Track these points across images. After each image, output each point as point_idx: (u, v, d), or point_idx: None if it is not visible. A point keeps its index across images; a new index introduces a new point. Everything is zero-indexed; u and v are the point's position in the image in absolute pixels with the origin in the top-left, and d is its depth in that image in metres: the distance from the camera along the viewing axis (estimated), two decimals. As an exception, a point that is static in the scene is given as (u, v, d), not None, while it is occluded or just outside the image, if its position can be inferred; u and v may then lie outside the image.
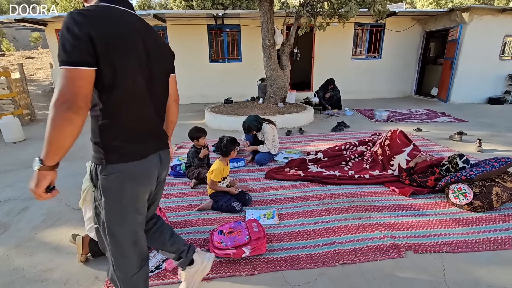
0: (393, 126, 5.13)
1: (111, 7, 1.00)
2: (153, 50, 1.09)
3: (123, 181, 1.06)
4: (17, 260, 1.93)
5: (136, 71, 1.02)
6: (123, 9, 1.04)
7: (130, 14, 1.05)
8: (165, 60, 1.18)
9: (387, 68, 9.07)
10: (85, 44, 0.88)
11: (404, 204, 2.51)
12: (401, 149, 3.18)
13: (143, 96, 1.07)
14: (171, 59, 1.27)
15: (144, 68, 1.05)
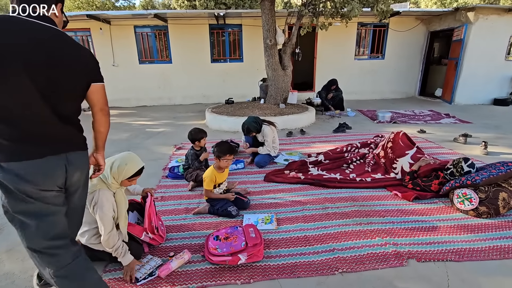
0: (396, 128, 5.06)
1: (9, 16, 1.13)
2: (55, 60, 1.15)
3: (10, 179, 1.14)
4: (8, 265, 1.89)
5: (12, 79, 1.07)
6: (25, 19, 1.14)
7: (31, 23, 1.13)
8: (72, 70, 1.22)
9: (391, 68, 8.97)
10: None
11: (407, 209, 2.43)
12: (404, 152, 3.10)
13: (31, 101, 1.13)
14: (84, 69, 1.28)
15: (35, 76, 1.11)
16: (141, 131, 5.62)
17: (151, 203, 1.90)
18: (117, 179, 1.68)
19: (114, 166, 1.67)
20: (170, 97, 8.97)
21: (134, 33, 8.35)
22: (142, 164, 1.79)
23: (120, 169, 1.67)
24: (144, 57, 8.71)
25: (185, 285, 1.65)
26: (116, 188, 1.72)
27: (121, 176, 1.68)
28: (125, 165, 1.68)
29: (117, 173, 1.67)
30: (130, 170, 1.70)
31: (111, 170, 1.66)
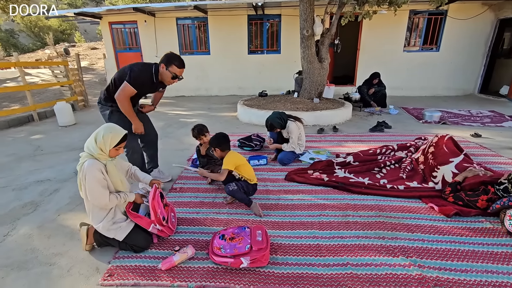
0: (445, 130, 4.49)
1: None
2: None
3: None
4: (36, 241, 2.06)
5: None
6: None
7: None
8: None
9: (446, 62, 7.98)
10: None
11: (443, 227, 2.11)
12: (447, 159, 2.70)
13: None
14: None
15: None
16: (175, 121, 5.82)
17: (154, 195, 1.91)
18: (104, 150, 1.74)
19: (99, 137, 1.73)
20: (207, 88, 9.16)
21: (176, 25, 8.62)
22: (125, 131, 1.84)
23: (106, 138, 1.73)
24: (185, 49, 8.97)
25: (184, 282, 1.63)
26: (106, 160, 1.77)
27: (107, 145, 1.74)
28: (110, 133, 1.75)
29: (103, 143, 1.72)
30: (114, 138, 1.76)
31: (97, 142, 1.72)
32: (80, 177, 1.71)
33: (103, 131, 1.76)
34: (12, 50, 20.63)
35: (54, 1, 30.15)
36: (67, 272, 1.75)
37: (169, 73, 2.39)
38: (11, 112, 5.88)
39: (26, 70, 12.82)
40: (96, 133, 1.76)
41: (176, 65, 2.38)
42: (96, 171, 1.68)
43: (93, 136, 1.76)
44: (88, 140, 1.76)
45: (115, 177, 1.82)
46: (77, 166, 1.75)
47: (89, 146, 1.74)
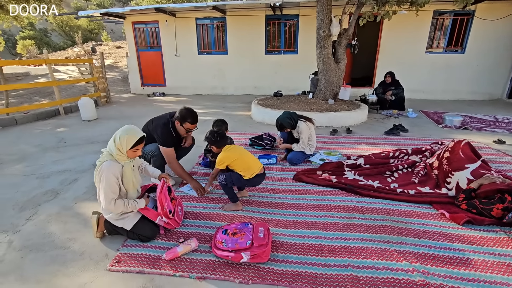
0: (466, 135, 4.30)
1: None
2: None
3: None
4: (54, 226, 2.21)
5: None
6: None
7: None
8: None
9: (472, 64, 7.61)
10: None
11: (453, 234, 2.04)
12: (463, 165, 2.60)
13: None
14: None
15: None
16: (190, 118, 5.95)
17: (162, 189, 1.98)
18: (122, 151, 1.82)
19: (117, 138, 1.82)
20: (223, 87, 9.29)
21: (196, 25, 8.81)
22: (142, 133, 1.91)
23: (122, 139, 1.81)
24: (203, 48, 9.14)
25: (185, 273, 1.69)
26: (124, 161, 1.86)
27: (124, 146, 1.82)
28: (126, 135, 1.82)
29: (120, 144, 1.81)
30: (131, 139, 1.83)
31: (115, 143, 1.81)
32: (96, 173, 1.81)
33: (120, 132, 1.84)
34: (44, 48, 21.92)
35: (84, 2, 31.70)
36: (79, 256, 1.86)
37: (183, 128, 2.63)
38: (40, 106, 6.27)
39: (55, 67, 13.57)
40: (115, 134, 1.85)
41: (189, 122, 2.58)
42: (111, 175, 1.77)
43: (113, 137, 1.85)
44: (110, 140, 1.86)
45: (128, 179, 1.90)
46: (97, 161, 1.85)
47: (109, 145, 1.84)
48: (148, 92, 9.52)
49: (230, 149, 2.40)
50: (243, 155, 2.39)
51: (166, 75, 9.52)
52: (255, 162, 2.42)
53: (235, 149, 2.42)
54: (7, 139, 4.57)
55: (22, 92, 8.65)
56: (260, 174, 2.42)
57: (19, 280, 1.67)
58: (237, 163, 2.34)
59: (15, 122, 5.57)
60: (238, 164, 2.34)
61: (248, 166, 2.35)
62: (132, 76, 9.74)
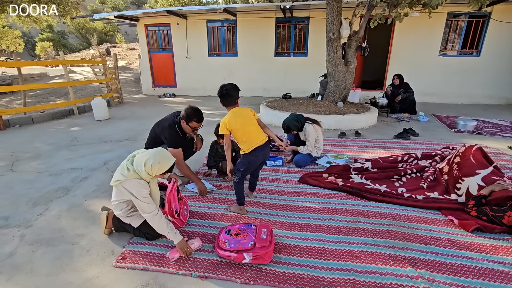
0: (479, 141, 4.19)
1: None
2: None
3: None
4: (64, 221, 2.28)
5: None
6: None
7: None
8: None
9: (488, 67, 7.40)
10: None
11: (461, 241, 1.99)
12: (474, 171, 2.53)
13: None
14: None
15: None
16: (199, 119, 6.03)
17: (172, 189, 2.02)
18: (151, 174, 1.84)
19: (148, 164, 1.80)
20: (233, 89, 9.34)
21: (206, 27, 8.92)
22: (174, 160, 1.91)
23: (154, 167, 1.81)
24: (213, 50, 9.24)
25: (188, 271, 1.72)
26: (149, 179, 1.89)
27: (155, 172, 1.84)
28: (158, 164, 1.82)
29: (151, 170, 1.82)
30: (163, 167, 1.85)
31: (145, 167, 1.81)
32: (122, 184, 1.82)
33: (153, 159, 1.81)
34: (61, 50, 22.67)
35: (100, 5, 32.60)
36: (86, 251, 1.92)
37: (189, 127, 2.65)
38: (55, 106, 6.48)
39: (71, 68, 14.00)
40: (147, 159, 1.81)
41: (195, 120, 2.61)
42: (144, 190, 1.82)
43: (143, 159, 1.81)
44: (139, 161, 1.83)
45: (155, 194, 1.95)
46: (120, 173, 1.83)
47: (138, 167, 1.82)
48: (159, 93, 9.68)
49: (234, 112, 2.24)
50: (245, 125, 2.21)
51: (176, 77, 9.68)
52: (257, 134, 2.24)
53: (240, 116, 2.23)
54: (24, 137, 4.75)
55: (39, 92, 8.97)
56: (261, 147, 2.22)
57: (29, 273, 1.73)
58: (238, 133, 2.21)
59: (32, 121, 5.77)
60: (238, 134, 2.21)
61: (248, 138, 2.20)
62: (144, 77, 9.94)
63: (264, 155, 2.30)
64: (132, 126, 5.43)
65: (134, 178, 1.82)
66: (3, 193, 2.77)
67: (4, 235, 2.10)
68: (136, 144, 4.25)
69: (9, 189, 2.85)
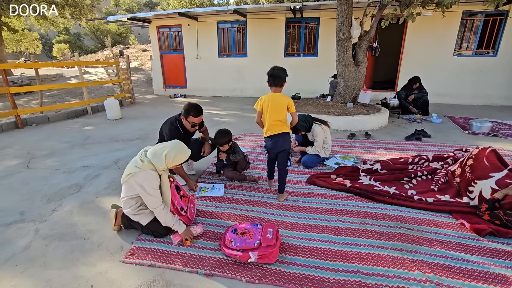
0: (494, 143, 4.07)
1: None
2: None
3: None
4: (76, 217, 2.35)
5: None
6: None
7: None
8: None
9: (505, 67, 7.16)
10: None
11: (473, 246, 1.93)
12: (487, 174, 2.46)
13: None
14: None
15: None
16: (208, 119, 6.07)
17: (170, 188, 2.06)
18: (169, 165, 1.93)
19: (170, 155, 1.90)
20: (242, 89, 9.39)
21: (217, 29, 8.99)
22: (189, 151, 2.03)
23: (176, 158, 1.93)
24: (223, 51, 9.31)
25: (194, 268, 1.74)
26: (162, 171, 1.95)
27: (175, 163, 1.94)
28: (180, 154, 1.95)
29: (172, 161, 1.91)
30: (182, 158, 1.97)
31: (166, 158, 1.89)
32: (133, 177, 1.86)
33: (174, 151, 1.92)
34: (77, 51, 23.33)
35: (114, 8, 33.36)
36: (97, 247, 1.97)
37: (188, 123, 2.68)
38: (70, 105, 6.68)
39: (86, 69, 14.39)
40: (168, 151, 1.90)
41: (192, 115, 2.63)
42: (155, 182, 1.89)
43: (163, 151, 1.90)
44: (156, 151, 1.91)
45: (166, 187, 2.00)
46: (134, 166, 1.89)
47: (155, 158, 1.89)
48: (170, 93, 9.83)
49: (272, 96, 2.46)
50: (271, 112, 2.42)
51: (187, 77, 9.80)
52: (274, 124, 2.42)
53: (273, 100, 2.42)
54: (40, 136, 4.92)
55: (56, 92, 9.27)
56: (271, 137, 2.45)
57: (43, 266, 1.79)
58: (264, 115, 2.47)
59: (48, 120, 5.97)
60: (264, 115, 2.47)
61: (267, 124, 2.45)
62: (155, 78, 10.11)
63: (273, 144, 2.47)
64: (143, 126, 5.54)
65: (149, 169, 1.88)
66: (19, 189, 2.88)
67: (20, 229, 2.18)
68: (146, 143, 4.33)
69: (25, 185, 2.96)
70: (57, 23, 11.97)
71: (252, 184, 2.91)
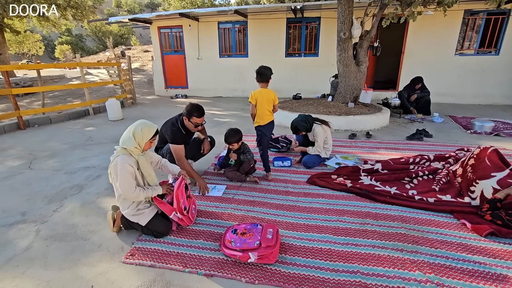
0: (497, 143, 4.05)
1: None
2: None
3: None
4: (77, 218, 2.36)
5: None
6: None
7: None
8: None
9: (507, 66, 7.12)
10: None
11: (474, 246, 1.92)
12: (489, 173, 2.44)
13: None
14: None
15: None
16: (209, 120, 6.08)
17: (180, 185, 2.06)
18: (141, 143, 1.94)
19: (137, 131, 1.92)
20: (243, 89, 9.40)
21: (218, 29, 9.01)
22: (156, 125, 2.04)
23: (144, 132, 1.94)
24: (224, 51, 9.32)
25: (194, 269, 1.74)
26: (138, 155, 1.96)
27: (145, 138, 1.95)
28: (146, 127, 1.97)
29: (142, 136, 1.93)
30: (150, 131, 1.99)
31: (135, 136, 1.91)
32: (112, 167, 1.91)
33: (140, 126, 1.95)
34: (79, 53, 23.42)
35: (116, 9, 33.47)
36: (97, 247, 1.98)
37: (191, 123, 2.70)
38: (72, 106, 6.71)
39: (88, 70, 14.44)
40: (134, 128, 1.94)
41: (196, 116, 2.66)
42: (127, 165, 1.88)
43: (130, 131, 1.94)
44: (124, 135, 1.95)
45: (148, 171, 2.02)
46: (111, 157, 1.96)
47: (125, 140, 1.92)
48: (171, 94, 9.85)
49: (261, 91, 2.86)
50: (261, 104, 2.85)
51: (188, 78, 9.82)
52: (264, 115, 2.88)
53: (261, 95, 2.84)
54: (42, 136, 4.94)
55: (58, 93, 9.32)
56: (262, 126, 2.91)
57: (44, 266, 1.80)
58: (257, 107, 2.88)
59: (50, 121, 6.00)
60: (256, 108, 2.89)
61: (258, 115, 2.89)
62: (156, 78, 10.14)
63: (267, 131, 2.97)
64: (144, 126, 5.55)
65: (121, 154, 1.90)
66: (21, 190, 2.89)
67: (21, 230, 2.20)
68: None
69: (27, 186, 2.98)
70: (59, 25, 12.02)
71: (252, 185, 2.91)
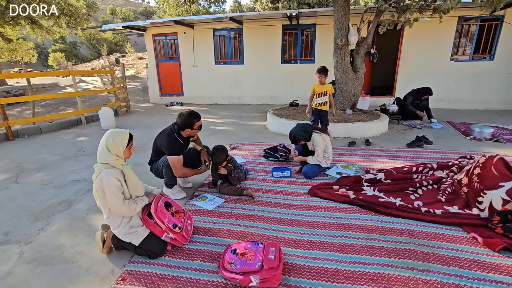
0: (497, 149, 3.99)
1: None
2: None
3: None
4: (64, 238, 2.20)
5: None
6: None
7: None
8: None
9: (502, 72, 7.17)
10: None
11: (488, 262, 1.82)
12: (497, 183, 2.36)
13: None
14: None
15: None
16: (205, 128, 5.96)
17: (156, 207, 1.92)
18: (119, 153, 1.80)
19: (110, 143, 1.78)
20: (239, 97, 9.32)
21: (213, 36, 8.96)
22: (128, 130, 1.90)
23: (117, 141, 1.79)
24: (220, 58, 9.26)
25: (191, 295, 1.60)
26: (121, 165, 1.83)
27: (121, 147, 1.81)
28: (118, 136, 1.81)
29: (116, 147, 1.78)
30: (124, 138, 1.83)
31: (110, 149, 1.77)
32: (96, 186, 1.75)
33: (110, 137, 1.79)
34: (73, 60, 23.22)
35: (110, 17, 33.47)
36: (85, 271, 1.82)
37: (195, 130, 2.72)
38: (63, 116, 6.54)
39: (82, 78, 14.26)
40: (105, 142, 1.78)
41: (196, 122, 2.67)
42: (113, 179, 1.74)
43: (102, 145, 1.78)
44: (99, 151, 1.80)
45: (134, 181, 1.89)
46: (93, 176, 1.80)
47: (102, 156, 1.78)
48: (166, 101, 9.72)
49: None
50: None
51: (183, 85, 9.71)
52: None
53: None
54: (31, 147, 4.76)
55: (50, 101, 9.13)
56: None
57: (25, 295, 1.64)
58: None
59: (40, 131, 5.82)
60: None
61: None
62: (151, 86, 10.01)
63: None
64: (138, 136, 5.40)
65: (104, 168, 1.76)
66: (6, 207, 2.72)
67: (3, 252, 2.03)
68: (141, 154, 4.20)
69: (12, 202, 2.81)
70: (53, 32, 11.89)
71: (251, 198, 2.79)
